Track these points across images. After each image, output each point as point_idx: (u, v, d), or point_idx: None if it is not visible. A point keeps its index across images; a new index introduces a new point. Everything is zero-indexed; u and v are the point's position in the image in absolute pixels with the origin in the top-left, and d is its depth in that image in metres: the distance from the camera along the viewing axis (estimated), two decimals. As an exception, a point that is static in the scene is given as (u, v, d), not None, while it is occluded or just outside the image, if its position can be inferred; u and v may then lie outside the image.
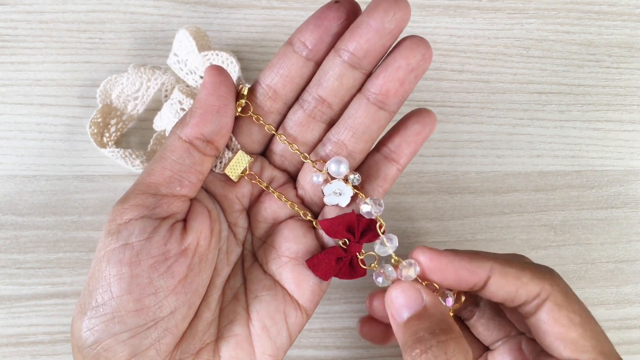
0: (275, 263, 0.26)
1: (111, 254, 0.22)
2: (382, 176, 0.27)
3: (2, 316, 0.33)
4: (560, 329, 0.24)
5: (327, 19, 0.25)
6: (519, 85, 0.38)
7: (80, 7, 0.36)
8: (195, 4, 0.37)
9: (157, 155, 0.24)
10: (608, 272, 0.37)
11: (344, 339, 0.35)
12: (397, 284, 0.24)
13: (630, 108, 0.39)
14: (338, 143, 0.26)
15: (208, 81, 0.24)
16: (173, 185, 0.24)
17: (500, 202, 0.37)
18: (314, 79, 0.26)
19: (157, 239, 0.23)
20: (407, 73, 0.24)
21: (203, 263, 0.24)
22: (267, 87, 0.26)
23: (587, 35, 0.39)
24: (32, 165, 0.35)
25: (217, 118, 0.24)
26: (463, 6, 0.39)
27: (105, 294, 0.22)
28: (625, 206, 0.37)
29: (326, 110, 0.26)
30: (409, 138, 0.26)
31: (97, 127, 0.34)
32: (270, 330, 0.25)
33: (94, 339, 0.22)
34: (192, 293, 0.24)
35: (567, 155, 0.38)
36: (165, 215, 0.24)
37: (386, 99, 0.25)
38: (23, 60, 0.36)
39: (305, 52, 0.25)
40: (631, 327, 0.36)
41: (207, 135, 0.24)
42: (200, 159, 0.24)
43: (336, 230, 0.26)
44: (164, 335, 0.23)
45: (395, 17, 0.23)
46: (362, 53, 0.24)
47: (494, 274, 0.24)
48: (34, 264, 0.34)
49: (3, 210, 0.34)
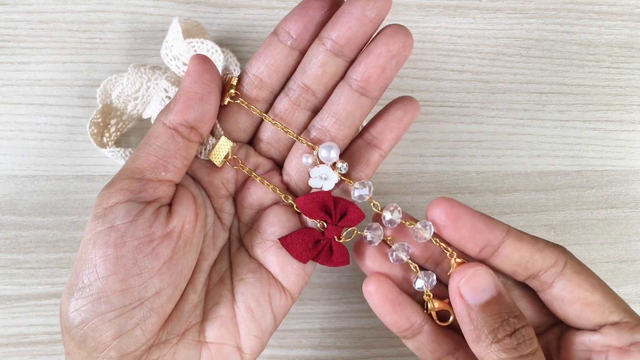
0: (260, 247, 0.27)
1: (97, 237, 0.23)
2: (365, 161, 0.27)
3: (2, 316, 0.33)
4: (584, 294, 0.24)
5: (312, 8, 0.25)
6: (519, 85, 0.38)
7: (80, 7, 0.36)
8: (195, 4, 0.37)
9: (142, 141, 0.25)
10: (608, 272, 0.37)
11: (344, 339, 0.35)
12: (466, 266, 0.23)
13: (630, 108, 0.39)
14: (322, 129, 0.27)
15: (192, 69, 0.25)
16: (158, 170, 0.24)
17: (500, 202, 0.37)
18: (298, 67, 0.27)
19: (142, 222, 0.23)
20: (388, 60, 0.25)
21: (188, 246, 0.25)
22: (253, 77, 0.27)
23: (587, 35, 0.39)
24: (32, 165, 0.35)
25: (201, 105, 0.25)
26: (463, 6, 0.39)
27: (92, 275, 0.23)
28: (625, 206, 0.37)
29: (310, 97, 0.27)
30: (392, 124, 0.27)
31: (97, 127, 0.34)
32: (255, 311, 0.26)
33: (81, 319, 0.23)
34: (177, 275, 0.24)
35: (567, 155, 0.38)
36: (150, 199, 0.24)
37: (368, 86, 0.26)
38: (23, 60, 0.36)
39: (290, 41, 0.26)
40: (631, 327, 0.36)
41: (190, 121, 0.25)
42: (185, 145, 0.25)
43: (311, 208, 0.26)
44: (150, 315, 0.23)
45: (377, 6, 0.24)
46: (344, 41, 0.25)
47: (510, 235, 0.24)
48: (34, 264, 0.34)
49: (3, 210, 0.34)
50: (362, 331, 0.35)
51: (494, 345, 0.22)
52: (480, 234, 0.24)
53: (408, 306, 0.26)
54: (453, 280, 0.24)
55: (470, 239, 0.24)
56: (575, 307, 0.24)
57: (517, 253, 0.24)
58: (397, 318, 0.26)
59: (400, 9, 0.38)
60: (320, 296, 0.35)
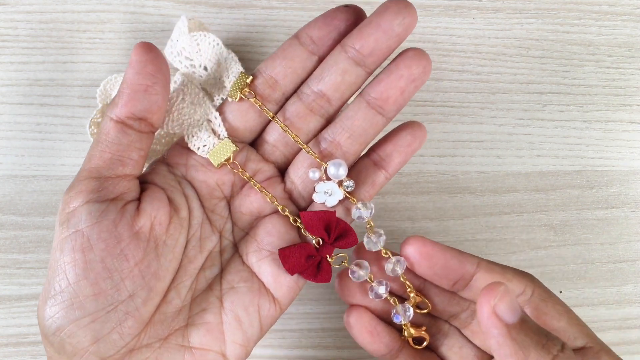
0: (255, 255, 0.26)
1: (64, 242, 0.23)
2: (371, 182, 0.27)
3: (2, 316, 0.33)
4: (550, 321, 0.24)
5: (337, 19, 0.26)
6: (519, 85, 0.38)
7: (80, 7, 0.36)
8: (195, 4, 0.37)
9: (94, 140, 0.25)
10: (608, 272, 0.37)
11: (344, 339, 0.35)
12: (494, 285, 0.21)
13: (630, 108, 0.39)
14: (334, 142, 0.27)
15: (135, 60, 0.24)
16: (115, 166, 0.24)
17: (500, 202, 0.37)
18: (315, 72, 0.26)
19: (107, 223, 0.23)
20: (409, 83, 0.25)
21: (160, 248, 0.24)
22: (268, 76, 0.26)
23: (587, 35, 0.39)
24: (32, 165, 0.35)
25: (146, 96, 0.24)
26: (463, 6, 0.39)
27: (63, 282, 0.23)
28: (625, 206, 0.37)
29: (325, 104, 0.26)
30: (401, 148, 0.27)
31: (97, 127, 0.34)
32: (243, 320, 0.25)
33: (57, 326, 0.23)
34: (150, 277, 0.24)
35: (567, 155, 0.38)
36: (112, 196, 0.24)
37: (385, 105, 0.26)
38: (23, 60, 0.36)
39: (311, 46, 0.26)
40: (631, 327, 0.36)
41: (137, 114, 0.24)
42: (138, 137, 0.24)
43: (314, 225, 0.26)
44: (126, 319, 0.23)
45: (404, 21, 0.24)
46: (367, 51, 0.25)
47: (480, 268, 0.25)
48: (34, 264, 0.34)
49: (3, 210, 0.34)
50: (362, 331, 0.35)
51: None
52: (452, 270, 0.25)
53: (386, 335, 0.27)
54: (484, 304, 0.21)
55: (444, 275, 0.25)
56: None
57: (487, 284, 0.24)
58: (375, 346, 0.27)
59: (400, 9, 0.38)
60: (320, 296, 0.35)
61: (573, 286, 0.36)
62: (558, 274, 0.36)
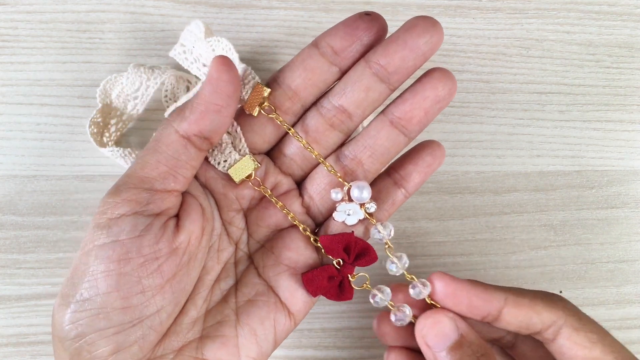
0: (272, 270, 0.26)
1: (100, 250, 0.22)
2: (391, 201, 0.27)
3: (2, 316, 0.33)
4: (583, 351, 0.24)
5: (360, 29, 0.24)
6: (519, 85, 0.38)
7: (80, 7, 0.36)
8: (195, 4, 0.37)
9: (151, 146, 0.24)
10: (608, 272, 0.37)
11: (344, 339, 0.35)
12: (428, 315, 0.24)
13: (630, 108, 0.39)
14: (355, 160, 0.26)
15: (215, 77, 0.23)
16: (167, 180, 0.23)
17: (500, 202, 0.37)
18: (337, 86, 0.26)
19: (149, 238, 0.23)
20: (434, 104, 0.25)
21: (192, 262, 0.24)
22: (287, 88, 0.26)
23: (587, 35, 0.39)
24: (32, 165, 0.35)
25: (217, 117, 0.23)
26: (463, 6, 0.39)
27: (92, 290, 0.22)
28: (625, 206, 0.37)
29: (346, 120, 0.26)
30: (421, 168, 0.27)
31: (97, 127, 0.34)
32: (258, 334, 0.25)
33: (77, 333, 0.22)
34: (179, 292, 0.24)
35: (567, 155, 0.38)
36: (158, 211, 0.23)
37: (409, 125, 0.25)
38: (23, 60, 0.36)
39: (332, 57, 0.25)
40: (631, 327, 0.36)
41: (205, 132, 0.24)
42: (196, 155, 0.24)
43: (334, 247, 0.26)
44: (149, 333, 0.23)
45: (431, 40, 0.24)
46: (393, 68, 0.24)
47: (507, 304, 0.25)
48: (34, 264, 0.34)
49: (3, 210, 0.34)
50: (362, 331, 0.35)
51: None
52: (478, 308, 0.25)
53: None
54: (417, 329, 0.24)
55: (470, 312, 0.25)
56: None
57: (516, 319, 0.25)
58: None
59: (401, 9, 0.38)
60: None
61: (573, 286, 0.36)
62: (558, 274, 0.36)
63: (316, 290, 0.26)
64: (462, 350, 0.23)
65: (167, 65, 0.35)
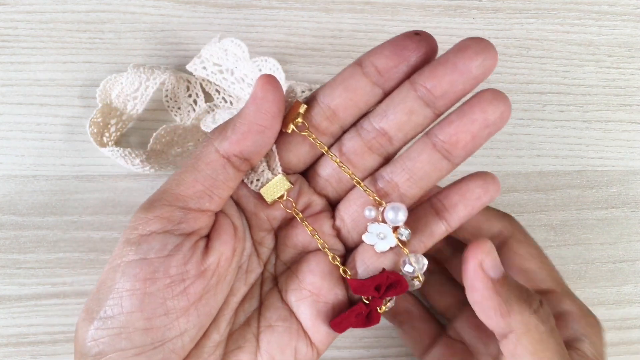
0: (295, 294, 0.25)
1: (127, 267, 0.22)
2: (429, 233, 0.25)
3: (2, 316, 0.33)
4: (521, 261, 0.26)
5: (408, 49, 0.23)
6: (519, 85, 0.38)
7: (80, 7, 0.36)
8: (195, 4, 0.37)
9: (189, 164, 0.23)
10: (608, 272, 0.37)
11: (344, 339, 0.35)
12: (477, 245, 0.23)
13: (630, 108, 0.39)
14: (391, 183, 0.24)
15: (260, 96, 0.22)
16: (203, 200, 0.23)
17: (500, 202, 0.37)
18: (379, 107, 0.24)
19: (178, 258, 0.22)
20: (482, 128, 0.23)
21: (220, 284, 0.23)
22: (326, 107, 0.24)
23: (587, 35, 0.39)
24: (32, 165, 0.35)
25: (261, 138, 0.23)
26: (463, 6, 0.39)
27: (116, 307, 0.21)
28: (625, 206, 0.37)
29: (385, 143, 0.24)
30: (468, 201, 0.24)
31: (97, 127, 0.34)
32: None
33: (98, 350, 0.22)
34: (204, 315, 0.23)
35: (567, 155, 0.38)
36: (189, 231, 0.23)
37: (453, 150, 0.23)
38: (23, 60, 0.36)
39: (376, 77, 0.23)
40: (631, 327, 0.36)
41: (246, 153, 0.23)
42: (234, 175, 0.23)
43: (364, 290, 0.24)
44: (170, 357, 0.22)
45: (484, 64, 0.22)
46: (440, 92, 0.23)
47: None
48: (34, 264, 0.34)
49: (3, 210, 0.34)
50: (362, 331, 0.35)
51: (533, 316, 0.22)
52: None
53: None
54: (471, 259, 0.22)
55: None
56: (512, 272, 0.26)
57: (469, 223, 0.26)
58: None
59: (401, 9, 0.38)
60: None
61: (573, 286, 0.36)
62: (558, 274, 0.36)
63: (344, 329, 0.24)
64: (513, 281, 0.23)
65: (167, 65, 0.35)
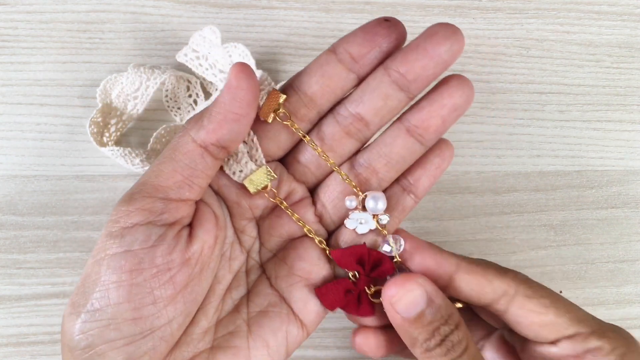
0: (285, 280, 0.26)
1: (112, 259, 0.22)
2: (401, 208, 0.26)
3: (2, 316, 0.33)
4: (538, 317, 0.25)
5: (379, 35, 0.24)
6: (519, 85, 0.38)
7: (80, 7, 0.36)
8: (195, 4, 0.37)
9: (167, 154, 0.23)
10: (608, 272, 0.37)
11: (344, 339, 0.35)
12: (397, 281, 0.24)
13: (630, 108, 0.39)
14: (369, 168, 0.26)
15: (234, 85, 0.23)
16: (183, 190, 0.23)
17: (500, 202, 0.37)
18: (355, 93, 0.25)
19: (163, 248, 0.22)
20: (451, 112, 0.24)
21: (204, 272, 0.24)
22: (303, 95, 0.25)
23: (587, 35, 0.39)
24: (32, 165, 0.35)
25: (236, 126, 0.23)
26: (463, 6, 0.39)
27: (102, 300, 0.22)
28: (625, 206, 0.37)
29: (362, 128, 0.25)
30: (429, 172, 0.26)
31: (97, 127, 0.34)
32: (271, 346, 0.25)
33: (87, 343, 0.22)
34: (190, 302, 0.23)
35: (567, 155, 0.38)
36: (172, 221, 0.23)
37: (426, 134, 0.25)
38: (23, 60, 0.36)
39: (350, 64, 0.24)
40: (631, 327, 0.36)
41: (222, 142, 0.23)
42: (212, 164, 0.24)
43: (347, 261, 0.25)
44: (159, 344, 0.23)
45: (453, 48, 0.23)
46: (412, 76, 0.24)
47: (460, 269, 0.25)
48: (34, 264, 0.34)
49: (3, 210, 0.34)
50: (362, 331, 0.35)
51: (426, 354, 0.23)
52: (430, 271, 0.25)
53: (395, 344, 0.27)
54: (386, 294, 0.24)
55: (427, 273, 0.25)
56: (532, 328, 0.25)
57: (468, 286, 0.25)
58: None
59: (401, 9, 0.38)
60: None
61: (573, 286, 0.36)
62: (558, 274, 0.36)
63: (333, 304, 0.25)
64: (426, 319, 0.23)
65: (167, 65, 0.35)
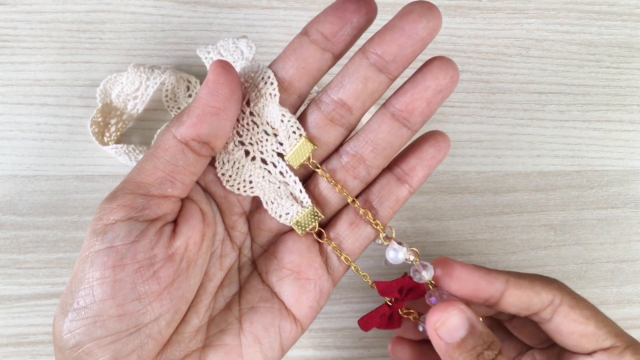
0: (275, 274, 0.25)
1: (95, 256, 0.22)
2: (395, 198, 0.26)
3: (2, 316, 0.33)
4: (579, 327, 0.26)
5: (349, 11, 0.23)
6: (519, 85, 0.38)
7: (80, 7, 0.36)
8: (195, 4, 0.37)
9: (149, 152, 0.24)
10: (608, 272, 0.37)
11: (344, 339, 0.35)
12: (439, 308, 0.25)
13: (630, 108, 0.39)
14: (356, 156, 0.25)
15: (211, 79, 0.23)
16: (164, 186, 0.23)
17: (500, 202, 0.37)
18: (335, 80, 0.25)
19: (144, 243, 0.22)
20: (435, 93, 0.24)
21: (191, 268, 0.24)
22: (281, 80, 0.25)
23: (587, 35, 0.39)
24: (32, 165, 0.35)
25: (216, 120, 0.23)
26: (463, 6, 0.39)
27: (88, 297, 0.22)
28: (625, 206, 0.37)
29: (345, 114, 0.25)
30: (424, 162, 0.26)
31: (97, 127, 0.34)
32: (263, 342, 0.25)
33: (75, 342, 0.22)
34: (177, 299, 0.23)
35: (567, 155, 0.38)
36: (153, 217, 0.23)
37: (411, 117, 0.25)
38: (23, 60, 0.36)
39: (324, 43, 0.24)
40: (631, 327, 0.36)
41: (203, 137, 0.23)
42: (195, 160, 0.23)
43: (390, 292, 0.26)
44: (147, 342, 0.22)
45: (429, 25, 0.23)
46: (390, 57, 0.23)
47: (509, 286, 0.26)
48: (34, 264, 0.34)
49: (3, 210, 0.34)
50: (362, 331, 0.35)
51: None
52: (481, 291, 0.26)
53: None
54: (429, 322, 0.25)
55: (474, 295, 0.26)
56: (572, 338, 0.26)
57: (518, 299, 0.26)
58: None
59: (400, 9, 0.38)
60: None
61: (573, 286, 0.36)
62: (558, 274, 0.36)
63: (369, 328, 0.26)
64: (470, 343, 0.24)
65: (167, 65, 0.35)
